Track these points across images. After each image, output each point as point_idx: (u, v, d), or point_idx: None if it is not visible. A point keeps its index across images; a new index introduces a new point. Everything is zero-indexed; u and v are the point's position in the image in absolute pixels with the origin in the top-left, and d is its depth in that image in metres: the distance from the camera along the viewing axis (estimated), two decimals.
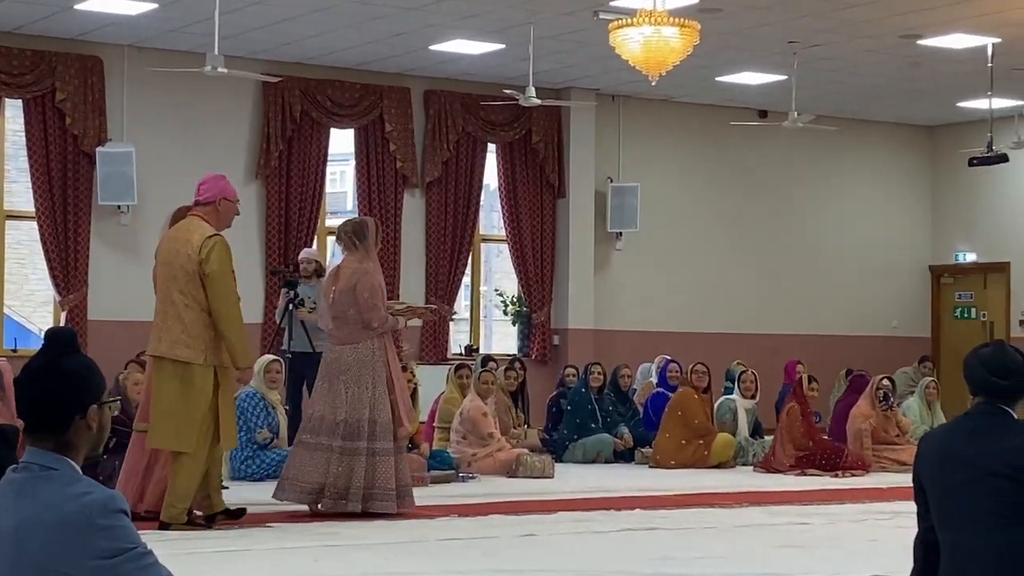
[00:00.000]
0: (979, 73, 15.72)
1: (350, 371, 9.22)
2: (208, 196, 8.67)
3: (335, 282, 9.34)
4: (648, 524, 9.23)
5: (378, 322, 9.21)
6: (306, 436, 9.25)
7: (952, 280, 20.39)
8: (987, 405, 4.62)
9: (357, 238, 9.32)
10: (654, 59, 11.62)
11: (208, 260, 8.40)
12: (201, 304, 8.44)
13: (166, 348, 8.44)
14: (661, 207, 18.40)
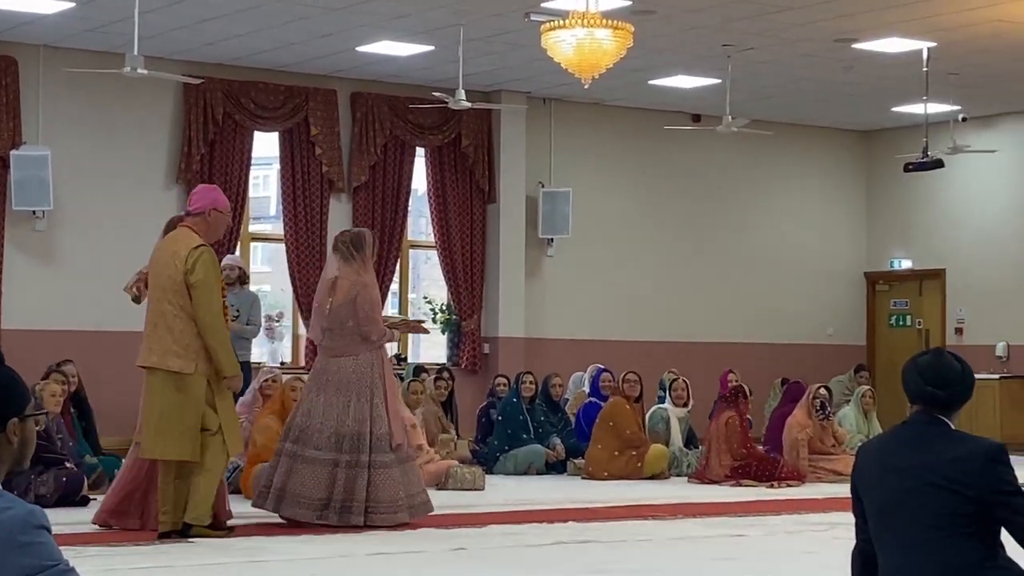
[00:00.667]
0: (914, 77, 15.60)
1: (352, 384, 9.26)
2: (198, 207, 8.78)
3: (332, 293, 9.34)
4: (581, 537, 9.06)
5: (377, 335, 9.30)
6: (307, 451, 9.21)
7: (887, 287, 20.29)
8: (924, 415, 4.59)
9: (355, 249, 9.37)
10: (587, 62, 11.43)
11: (194, 270, 8.53)
12: (190, 314, 8.56)
13: (157, 359, 8.57)
14: (593, 213, 18.16)
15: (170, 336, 8.57)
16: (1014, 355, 18.34)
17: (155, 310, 8.68)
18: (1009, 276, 18.59)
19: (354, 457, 9.18)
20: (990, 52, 15.09)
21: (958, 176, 18.60)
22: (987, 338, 18.31)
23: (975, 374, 4.69)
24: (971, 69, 15.86)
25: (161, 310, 8.63)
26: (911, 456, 4.51)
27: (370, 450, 9.19)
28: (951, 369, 4.62)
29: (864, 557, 4.66)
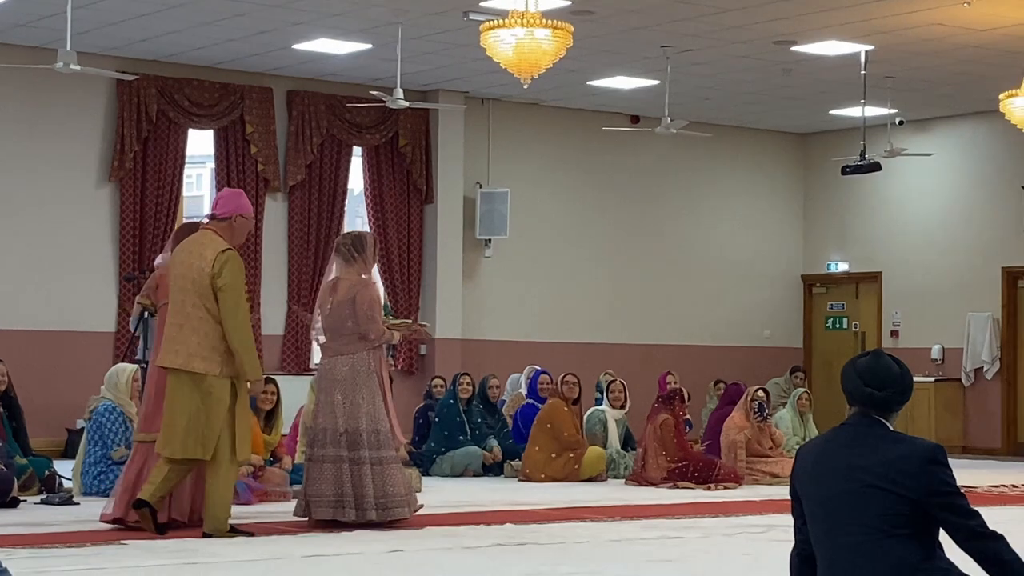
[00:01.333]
0: (852, 80, 15.64)
1: (345, 382, 9.30)
2: (224, 212, 8.83)
3: (332, 293, 9.38)
4: (519, 539, 8.95)
5: (375, 335, 9.31)
6: (316, 451, 9.32)
7: (824, 290, 20.35)
8: (863, 416, 4.61)
9: (356, 251, 9.40)
10: (526, 62, 11.36)
11: (221, 274, 8.59)
12: (215, 317, 8.62)
13: (182, 361, 8.62)
14: (531, 213, 18.10)
15: (195, 338, 8.61)
16: (949, 358, 18.44)
17: (179, 312, 8.70)
18: (944, 279, 18.69)
19: (355, 454, 9.24)
20: (927, 56, 15.15)
21: (895, 179, 18.68)
22: (922, 341, 18.39)
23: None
24: (908, 72, 15.93)
25: (185, 312, 8.66)
26: (849, 457, 4.53)
27: (373, 447, 9.26)
28: (889, 371, 4.65)
29: (802, 558, 4.68)
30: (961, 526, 4.42)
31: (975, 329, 18.37)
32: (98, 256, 15.48)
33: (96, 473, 11.17)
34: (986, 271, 18.36)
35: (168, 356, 8.68)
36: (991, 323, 18.29)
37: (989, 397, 18.35)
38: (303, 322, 16.39)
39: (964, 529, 4.42)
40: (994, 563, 4.40)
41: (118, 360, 13.95)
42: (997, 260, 18.30)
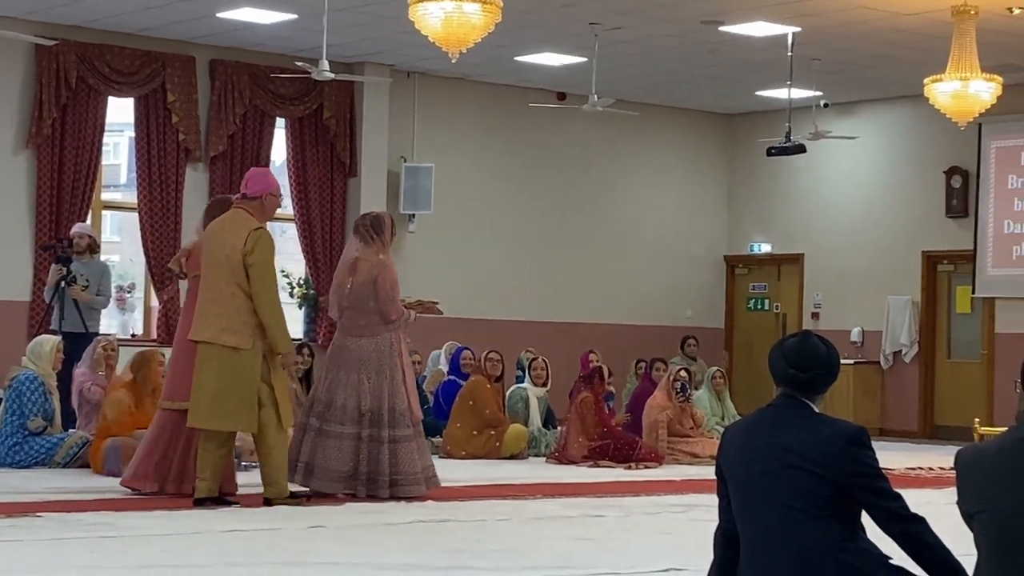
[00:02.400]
0: (779, 62, 15.65)
1: (371, 362, 9.59)
2: (255, 191, 9.17)
3: (352, 274, 9.67)
4: (440, 516, 8.90)
5: (396, 315, 9.61)
6: (332, 426, 9.54)
7: (747, 271, 20.42)
8: (788, 397, 4.66)
9: (375, 231, 9.69)
10: (454, 36, 11.27)
11: (253, 251, 8.90)
12: (247, 292, 8.92)
13: (213, 334, 8.91)
14: (456, 189, 18.00)
15: (227, 312, 8.91)
16: (868, 341, 18.56)
17: (211, 287, 8.99)
18: (865, 262, 18.80)
19: (375, 432, 9.51)
20: (853, 39, 15.19)
21: (819, 162, 18.76)
22: (842, 323, 18.50)
23: None
24: (834, 55, 15.97)
25: (218, 287, 8.95)
26: (774, 438, 4.54)
27: (391, 425, 9.54)
28: (815, 352, 4.67)
29: (726, 538, 4.68)
30: (883, 508, 4.45)
31: (894, 312, 18.50)
32: (14, 224, 15.21)
33: (12, 444, 11.00)
34: (907, 255, 18.49)
35: (200, 329, 8.99)
36: (910, 306, 18.43)
37: (907, 380, 18.50)
38: None
39: (886, 511, 4.45)
40: (915, 545, 4.44)
41: (33, 330, 13.74)
42: (918, 244, 18.43)
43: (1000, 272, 17.58)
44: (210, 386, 8.91)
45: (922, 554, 4.42)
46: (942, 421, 18.26)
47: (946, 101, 13.46)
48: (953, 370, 18.36)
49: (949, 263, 18.42)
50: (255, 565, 6.85)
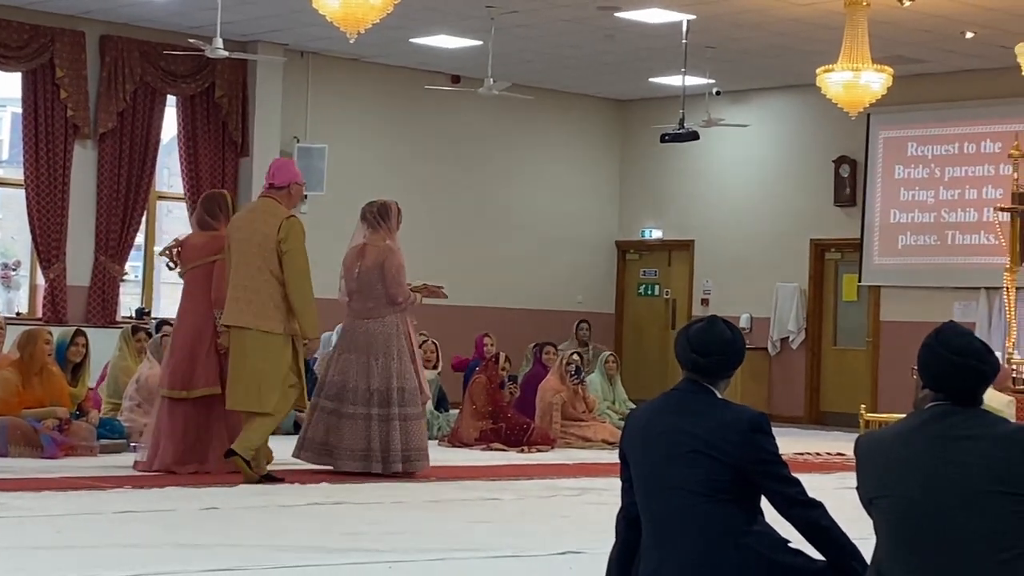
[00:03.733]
0: (673, 49, 15.72)
1: (378, 343, 10.00)
2: (282, 181, 9.63)
3: (360, 258, 10.10)
4: (335, 498, 8.87)
5: (403, 298, 10.07)
6: (346, 407, 9.92)
7: (638, 256, 20.53)
8: (691, 382, 4.64)
9: (381, 218, 10.17)
10: (352, 16, 11.19)
11: (287, 239, 9.35)
12: (279, 279, 9.36)
13: (249, 319, 9.34)
14: (350, 170, 17.89)
15: (259, 299, 9.33)
16: (757, 327, 18.76)
17: (243, 274, 9.37)
18: (754, 249, 18.99)
19: (384, 411, 9.91)
20: (747, 28, 15.31)
21: (711, 149, 18.90)
22: (732, 310, 18.66)
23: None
24: (728, 44, 16.08)
25: (250, 275, 9.35)
26: (676, 423, 4.55)
27: (400, 403, 9.95)
28: (719, 337, 4.65)
29: (628, 521, 4.68)
30: (781, 493, 4.49)
31: (782, 299, 18.71)
32: None
33: None
34: (795, 242, 18.70)
35: (232, 315, 9.38)
36: (798, 293, 18.65)
37: (794, 366, 18.73)
38: (110, 273, 16.04)
39: (784, 496, 4.49)
40: (812, 530, 4.48)
41: None
42: (806, 232, 18.64)
43: (886, 261, 17.84)
44: (244, 370, 9.34)
45: (819, 538, 4.47)
46: (828, 407, 18.52)
47: (838, 91, 13.61)
48: (839, 357, 18.62)
49: (836, 251, 18.66)
50: (151, 547, 6.79)
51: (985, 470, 3.99)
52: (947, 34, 15.18)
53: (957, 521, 3.98)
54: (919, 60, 16.38)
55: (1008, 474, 4.00)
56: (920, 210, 17.56)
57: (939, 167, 17.41)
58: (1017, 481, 4.00)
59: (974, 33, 15.06)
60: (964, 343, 4.16)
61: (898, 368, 16.91)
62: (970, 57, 16.25)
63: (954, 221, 17.28)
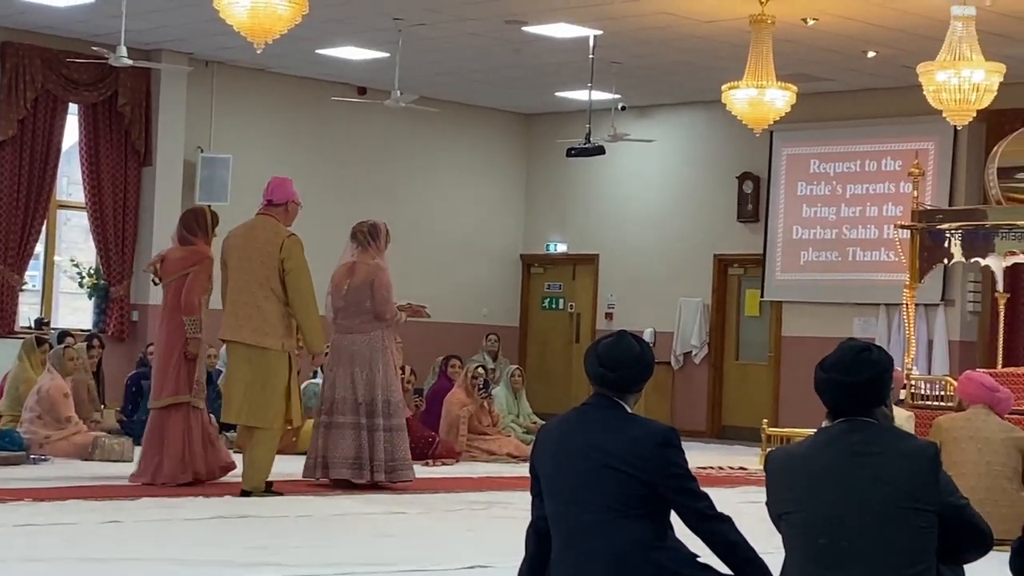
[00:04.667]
0: (580, 64, 15.79)
1: (363, 357, 10.35)
2: (280, 199, 9.89)
3: (350, 276, 10.43)
4: (241, 512, 8.81)
5: (390, 315, 10.42)
6: (336, 418, 10.29)
7: (542, 270, 20.57)
8: (601, 397, 4.66)
9: (371, 237, 10.53)
10: (260, 26, 11.10)
11: (290, 257, 9.61)
12: (279, 296, 9.58)
13: (247, 335, 9.54)
14: (255, 181, 17.55)
15: (259, 315, 9.54)
16: (660, 341, 18.85)
17: (242, 291, 9.59)
18: (658, 264, 19.09)
19: (370, 421, 10.30)
20: (653, 43, 15.41)
21: (617, 164, 18.97)
22: (636, 324, 18.74)
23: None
24: (634, 59, 16.17)
25: (250, 291, 9.57)
26: (587, 438, 4.56)
27: (385, 415, 10.33)
28: (628, 352, 4.68)
29: (539, 535, 4.67)
30: (691, 508, 4.54)
31: (686, 314, 18.83)
32: None
33: None
34: (699, 258, 18.82)
35: (230, 330, 9.62)
36: (701, 308, 18.77)
37: (696, 381, 18.85)
38: (9, 283, 15.81)
39: (693, 511, 4.53)
40: (721, 544, 4.52)
41: None
42: (710, 247, 18.77)
43: (788, 277, 18.02)
44: (241, 384, 9.56)
45: (728, 552, 4.52)
46: (729, 422, 18.65)
47: (742, 108, 13.73)
48: (741, 372, 18.77)
49: (739, 267, 18.82)
50: (53, 561, 6.70)
51: (893, 486, 4.05)
52: (850, 53, 15.38)
53: (866, 536, 4.03)
54: (822, 78, 16.58)
55: (916, 489, 4.06)
56: (822, 226, 17.75)
57: (841, 184, 17.61)
58: (924, 496, 4.06)
59: (876, 52, 15.27)
60: (835, 358, 4.23)
61: (799, 383, 17.07)
62: (872, 76, 16.47)
63: (855, 238, 17.48)
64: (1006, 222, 13.44)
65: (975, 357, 16.44)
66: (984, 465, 7.89)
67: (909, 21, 13.83)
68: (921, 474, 4.09)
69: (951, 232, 13.78)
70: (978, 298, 16.69)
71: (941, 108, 12.61)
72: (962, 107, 12.42)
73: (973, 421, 8.09)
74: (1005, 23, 13.62)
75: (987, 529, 4.22)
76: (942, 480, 4.16)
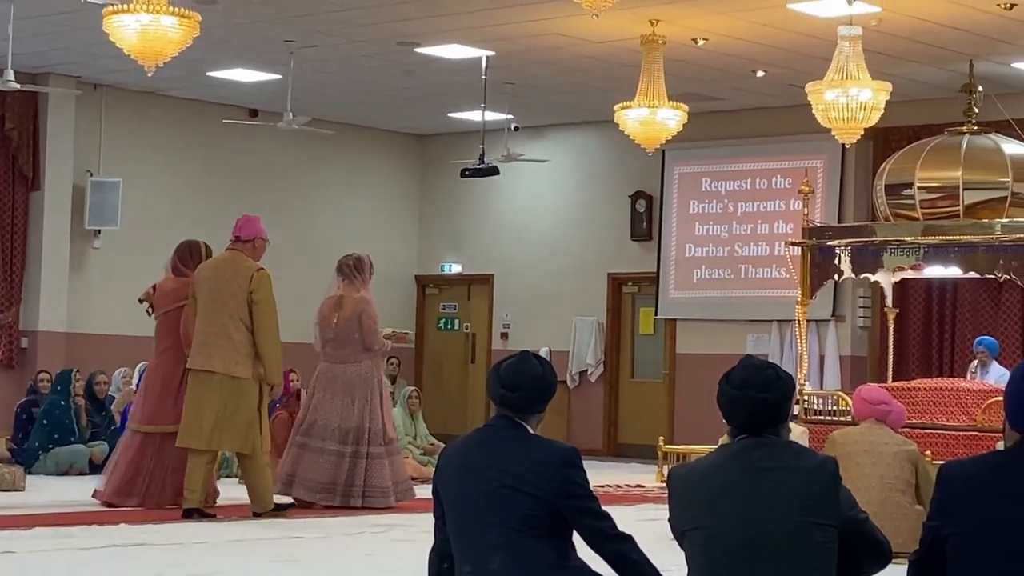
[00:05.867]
0: (473, 85, 15.83)
1: (355, 386, 10.85)
2: (248, 235, 10.34)
3: (338, 309, 10.99)
4: (136, 540, 8.69)
5: (378, 345, 10.99)
6: (314, 441, 10.74)
7: (437, 291, 20.56)
8: (503, 418, 4.66)
9: (356, 271, 11.12)
10: (150, 49, 11.02)
11: (257, 290, 10.04)
12: (247, 326, 9.99)
13: (219, 364, 9.93)
14: (145, 205, 17.58)
15: (229, 345, 9.92)
16: (556, 360, 18.85)
17: (212, 322, 9.98)
18: (553, 284, 19.15)
19: (355, 448, 10.75)
20: (545, 64, 15.48)
21: (511, 184, 19.00)
22: (531, 343, 18.76)
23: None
24: (527, 80, 16.24)
25: (221, 322, 9.97)
26: (488, 458, 4.56)
27: (372, 443, 10.80)
28: (529, 372, 4.68)
29: (441, 556, 4.67)
30: (593, 528, 4.54)
31: (581, 332, 18.91)
32: None
33: None
34: (593, 276, 18.91)
35: (202, 360, 9.96)
36: (596, 327, 18.86)
37: (592, 399, 18.92)
38: None
39: (595, 531, 4.54)
40: (623, 563, 4.53)
41: None
42: (604, 266, 18.87)
43: (681, 295, 18.15)
44: (212, 411, 9.90)
45: (630, 572, 4.52)
46: (625, 439, 18.74)
47: (635, 128, 13.83)
48: (636, 390, 18.87)
49: (633, 285, 18.94)
50: None
51: (795, 501, 4.08)
52: (739, 72, 15.56)
53: (769, 552, 4.06)
54: (713, 97, 16.75)
55: (816, 504, 4.10)
56: (714, 244, 17.92)
57: (732, 202, 17.78)
58: (825, 511, 4.10)
59: (765, 72, 15.46)
60: (745, 375, 4.26)
61: (694, 400, 17.22)
62: (762, 95, 16.68)
63: (747, 255, 17.65)
64: (894, 238, 13.66)
65: (866, 371, 16.68)
66: (878, 479, 7.99)
67: (797, 41, 14.03)
68: (822, 489, 4.14)
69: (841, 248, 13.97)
70: (868, 313, 16.94)
71: (830, 127, 12.80)
72: (850, 125, 12.63)
73: (867, 435, 8.19)
74: (891, 42, 13.86)
75: (887, 543, 4.28)
76: (842, 494, 4.20)
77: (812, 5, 12.77)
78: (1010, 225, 13.10)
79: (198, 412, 9.98)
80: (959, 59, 14.30)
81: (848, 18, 12.63)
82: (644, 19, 13.28)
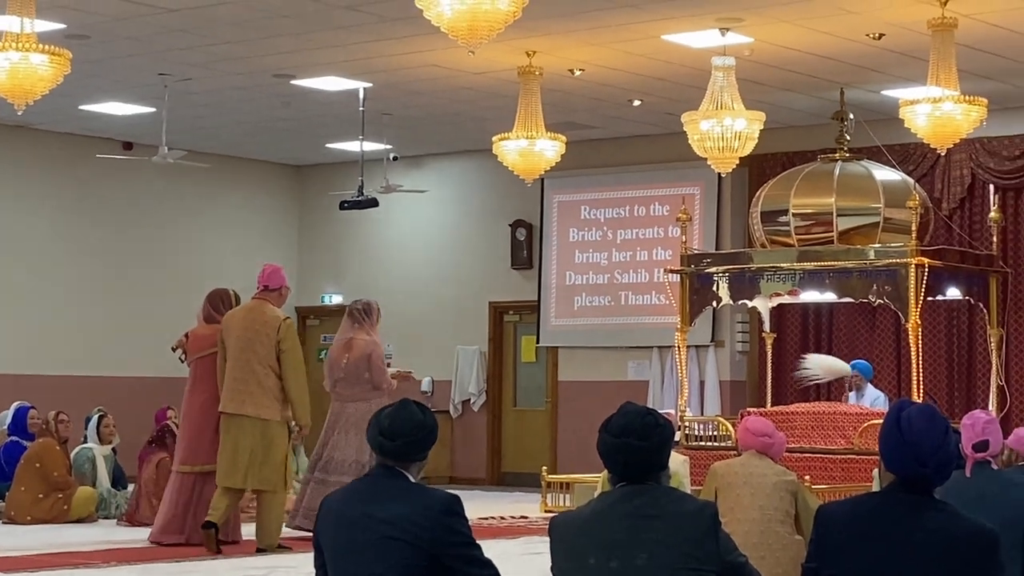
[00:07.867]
0: (350, 115, 15.78)
1: (362, 423, 10.58)
2: (275, 284, 11.09)
3: (348, 351, 11.55)
4: None
5: (386, 384, 11.56)
6: (333, 476, 11.14)
7: (318, 322, 20.41)
8: (383, 467, 4.64)
9: (365, 315, 11.74)
10: (20, 87, 10.75)
11: (285, 339, 10.75)
12: (276, 372, 10.68)
13: (252, 409, 10.64)
14: (14, 241, 17.26)
15: (260, 390, 10.62)
16: (439, 390, 18.88)
17: (243, 368, 10.67)
18: (435, 313, 19.10)
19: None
20: (423, 95, 15.47)
21: (391, 214, 18.94)
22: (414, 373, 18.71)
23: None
24: (405, 110, 16.22)
25: (251, 368, 10.65)
26: (368, 508, 4.53)
27: None
28: (408, 420, 4.69)
29: None
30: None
31: (463, 362, 18.88)
32: None
33: None
34: (475, 305, 18.90)
35: (234, 404, 10.66)
36: (479, 356, 18.85)
37: (475, 428, 18.89)
38: None
39: None
40: None
41: None
42: (485, 295, 18.86)
43: (563, 322, 18.19)
44: (246, 452, 10.58)
45: None
46: (509, 468, 18.73)
47: (514, 159, 13.84)
48: (519, 418, 18.88)
49: (515, 313, 18.95)
50: None
51: (676, 549, 4.09)
52: (616, 102, 15.65)
53: None
54: (590, 126, 16.84)
55: (696, 550, 4.11)
56: (594, 272, 17.98)
57: (611, 230, 17.86)
58: (706, 557, 4.11)
59: (641, 101, 15.57)
60: (624, 423, 4.25)
61: (576, 427, 17.26)
62: (638, 124, 16.79)
63: (627, 282, 17.73)
64: (770, 265, 13.82)
65: (745, 396, 16.83)
66: (757, 510, 8.02)
67: (672, 71, 14.15)
68: (703, 535, 4.15)
69: (719, 275, 14.11)
70: (746, 338, 17.09)
71: (706, 156, 12.93)
72: (725, 155, 12.76)
73: (747, 467, 8.23)
74: (764, 71, 14.03)
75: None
76: (721, 538, 4.21)
77: (686, 36, 12.89)
78: (883, 250, 13.33)
79: (234, 454, 10.64)
80: (830, 87, 14.53)
81: (722, 48, 12.77)
82: (521, 51, 13.32)
